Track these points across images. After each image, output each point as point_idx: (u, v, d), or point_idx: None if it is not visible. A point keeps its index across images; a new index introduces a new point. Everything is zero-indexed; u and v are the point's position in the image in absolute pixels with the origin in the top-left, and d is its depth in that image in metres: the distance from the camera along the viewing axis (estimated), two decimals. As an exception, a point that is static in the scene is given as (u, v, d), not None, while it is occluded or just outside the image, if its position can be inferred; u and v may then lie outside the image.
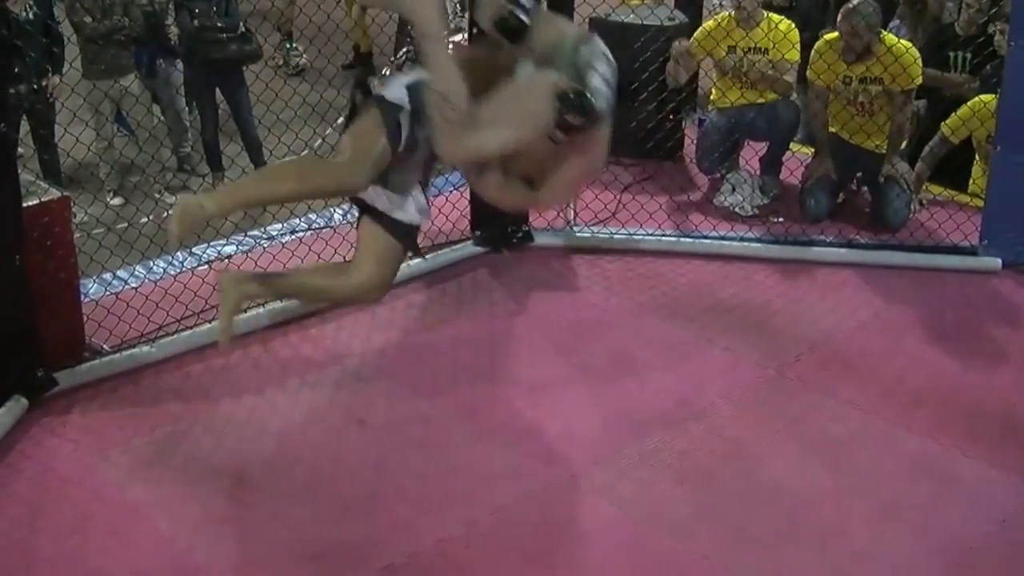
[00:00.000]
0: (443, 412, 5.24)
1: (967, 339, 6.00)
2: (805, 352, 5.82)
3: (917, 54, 7.11)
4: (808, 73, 7.35)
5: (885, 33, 7.19)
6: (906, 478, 4.84)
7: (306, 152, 6.97)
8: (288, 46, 12.47)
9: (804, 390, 5.51)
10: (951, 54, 8.01)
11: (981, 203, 6.97)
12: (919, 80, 7.09)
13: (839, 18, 7.07)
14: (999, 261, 6.62)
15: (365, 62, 12.03)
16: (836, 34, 7.16)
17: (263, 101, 6.83)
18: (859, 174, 7.53)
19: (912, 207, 7.23)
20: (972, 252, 6.74)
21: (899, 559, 4.37)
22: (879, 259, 6.63)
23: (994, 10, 8.01)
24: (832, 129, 7.44)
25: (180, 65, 9.13)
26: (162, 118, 9.44)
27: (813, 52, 7.31)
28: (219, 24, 8.74)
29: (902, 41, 7.24)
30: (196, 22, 8.71)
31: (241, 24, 8.85)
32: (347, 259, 5.01)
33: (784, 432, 5.18)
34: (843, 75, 7.16)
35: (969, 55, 7.91)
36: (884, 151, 7.24)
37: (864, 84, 7.12)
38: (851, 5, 6.99)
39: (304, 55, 12.41)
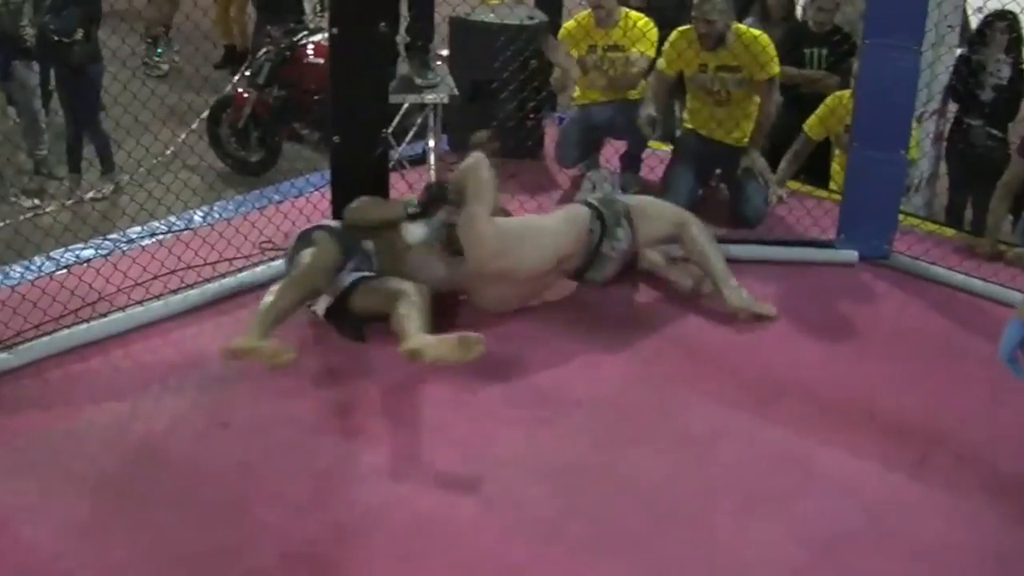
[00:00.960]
0: (309, 413, 5.21)
1: (826, 332, 6.11)
2: (669, 347, 5.89)
3: (769, 42, 7.19)
4: (659, 62, 7.42)
5: (738, 24, 7.28)
6: (769, 469, 4.92)
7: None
8: (157, 52, 12.35)
9: (668, 385, 5.57)
10: (807, 51, 8.13)
11: (838, 198, 7.11)
12: (774, 68, 7.18)
13: (693, 7, 7.12)
14: (856, 254, 6.75)
15: (239, 61, 11.99)
16: (689, 27, 7.24)
17: (120, 103, 6.73)
18: (718, 170, 7.63)
19: (770, 200, 7.34)
20: (830, 246, 6.87)
21: (765, 549, 4.43)
22: (740, 253, 6.72)
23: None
24: (689, 125, 7.52)
25: (36, 67, 8.98)
26: (17, 121, 9.28)
27: (667, 43, 7.36)
28: (52, 27, 8.59)
29: (753, 30, 7.32)
30: (50, 25, 8.57)
31: (80, 28, 8.69)
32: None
33: (648, 427, 5.23)
34: (699, 64, 7.24)
35: (825, 51, 8.04)
36: (742, 145, 7.33)
37: (719, 71, 7.21)
38: None
39: (166, 62, 12.30)
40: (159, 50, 12.37)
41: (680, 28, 7.34)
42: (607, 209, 6.14)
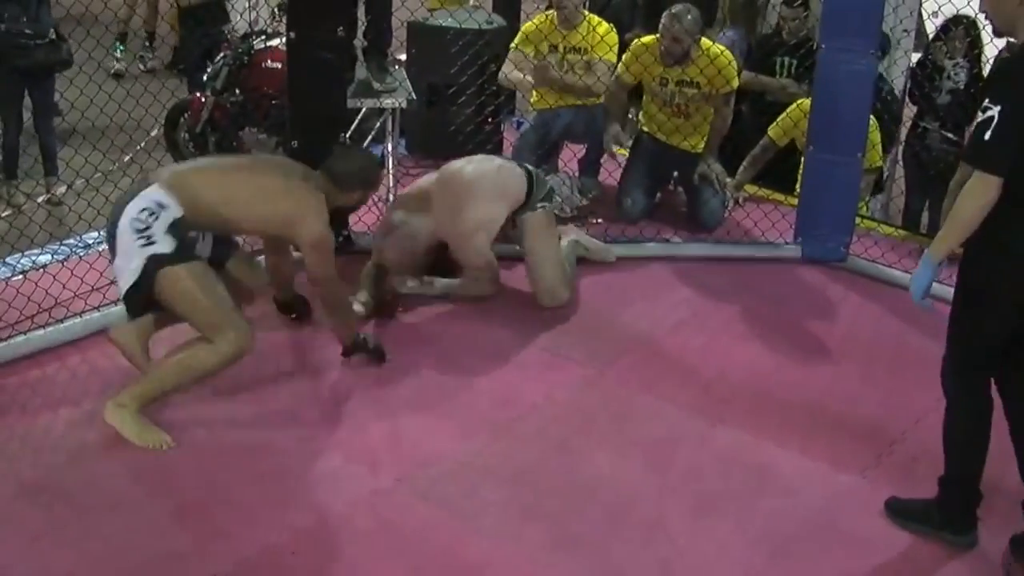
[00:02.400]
0: (265, 418, 5.21)
1: (780, 335, 6.16)
2: (625, 351, 5.91)
3: (732, 58, 7.25)
4: (619, 68, 7.43)
5: (703, 39, 7.31)
6: (723, 471, 4.95)
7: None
8: (119, 48, 12.37)
9: (624, 389, 5.59)
10: (777, 60, 8.17)
11: (795, 202, 7.15)
12: (735, 83, 7.23)
13: (661, 24, 7.14)
14: (811, 257, 6.79)
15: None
16: (652, 38, 7.26)
17: (77, 107, 6.70)
18: (675, 174, 7.66)
19: (727, 205, 7.38)
20: (786, 249, 6.91)
21: (720, 550, 4.46)
22: (696, 252, 6.76)
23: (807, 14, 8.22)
24: (647, 129, 7.55)
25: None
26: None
27: (628, 53, 7.39)
28: (27, 31, 8.54)
29: (718, 45, 7.37)
30: (3, 27, 8.50)
31: (52, 30, 8.67)
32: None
33: (605, 431, 5.25)
34: (659, 76, 7.26)
35: (795, 61, 8.07)
36: (699, 151, 7.37)
37: (680, 87, 7.24)
38: (673, 11, 7.07)
39: (122, 62, 12.27)
40: (120, 47, 12.36)
41: (644, 40, 7.36)
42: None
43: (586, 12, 7.66)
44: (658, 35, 7.18)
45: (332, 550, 4.40)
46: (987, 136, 3.96)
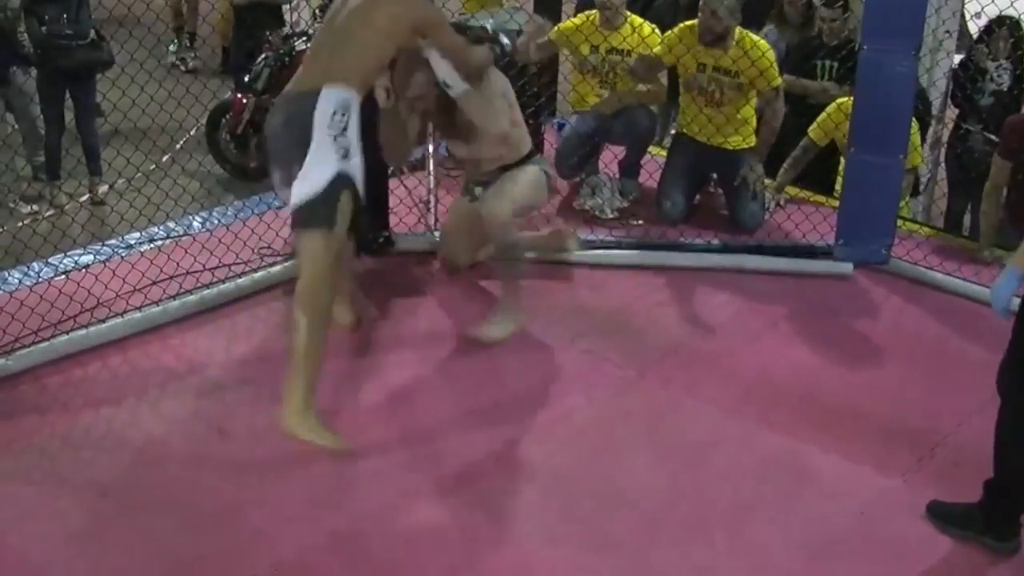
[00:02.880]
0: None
1: (823, 338, 6.12)
2: (666, 353, 5.89)
3: (769, 49, 7.20)
4: (660, 48, 7.42)
5: (741, 29, 7.28)
6: (763, 475, 4.93)
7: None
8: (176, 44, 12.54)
9: (664, 391, 5.58)
10: (818, 62, 8.12)
11: (836, 203, 7.10)
12: (777, 80, 7.19)
13: (701, 1, 7.14)
14: (853, 260, 6.75)
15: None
16: (692, 22, 7.25)
17: (120, 108, 6.74)
18: (714, 176, 7.64)
19: (768, 207, 7.35)
20: (828, 252, 6.87)
21: (759, 555, 4.44)
22: (737, 263, 6.73)
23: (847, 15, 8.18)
24: (685, 131, 7.50)
25: (34, 73, 8.98)
26: (16, 127, 9.26)
27: (671, 34, 7.37)
28: (68, 31, 8.61)
29: (753, 36, 7.32)
30: (45, 28, 8.57)
31: (92, 31, 8.73)
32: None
33: (643, 433, 5.24)
34: (698, 63, 7.24)
35: (836, 64, 8.02)
36: (736, 148, 7.32)
37: (716, 73, 7.21)
38: None
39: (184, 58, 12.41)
40: (177, 42, 12.53)
41: (683, 24, 7.34)
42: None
43: (628, 13, 7.63)
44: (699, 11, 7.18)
45: (368, 552, 4.41)
46: None
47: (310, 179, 4.86)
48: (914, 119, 7.02)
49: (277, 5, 10.61)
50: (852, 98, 7.08)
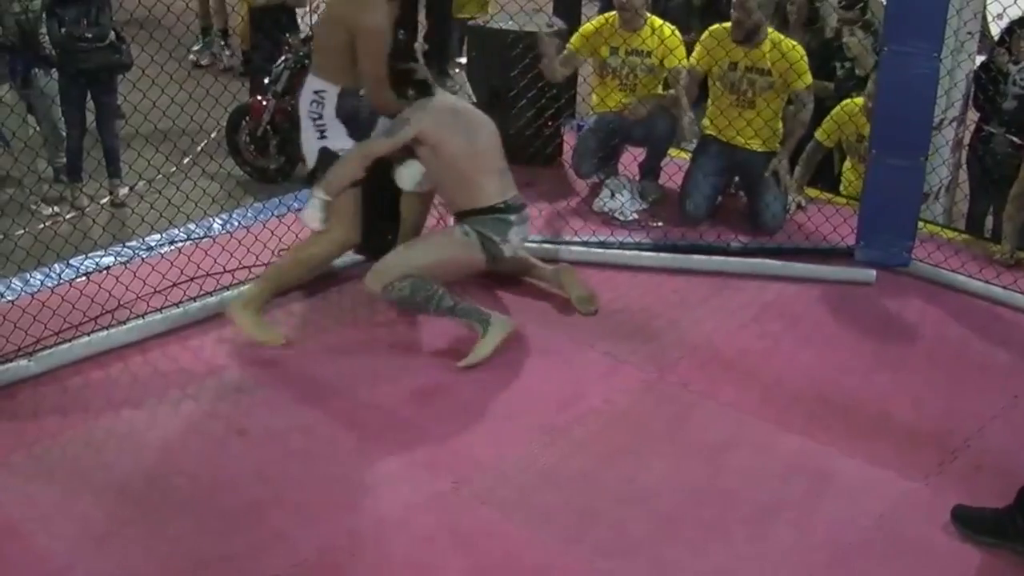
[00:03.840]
0: (324, 421, 5.23)
1: (844, 340, 6.10)
2: (685, 355, 5.89)
3: (801, 49, 7.21)
4: (692, 59, 7.42)
5: (777, 32, 7.27)
6: (783, 477, 4.92)
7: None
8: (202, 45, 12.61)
9: (684, 392, 5.57)
10: (836, 64, 8.12)
11: (855, 204, 7.09)
12: (808, 78, 7.20)
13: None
14: (874, 262, 6.73)
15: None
16: (720, 25, 7.26)
17: (140, 110, 6.76)
18: (736, 178, 7.63)
19: (788, 209, 7.33)
20: (849, 254, 6.86)
21: (779, 557, 4.44)
22: (758, 269, 6.72)
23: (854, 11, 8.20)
24: (710, 131, 7.49)
25: (56, 75, 9.01)
26: (38, 128, 9.30)
27: (705, 35, 7.38)
28: (88, 34, 8.64)
29: (790, 40, 7.32)
30: (64, 30, 8.60)
31: (112, 33, 8.76)
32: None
33: (663, 435, 5.23)
34: (729, 62, 7.23)
35: (851, 65, 8.02)
36: (761, 150, 7.30)
37: (748, 72, 7.20)
38: None
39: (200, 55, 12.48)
40: (203, 40, 12.60)
41: (712, 27, 7.35)
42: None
43: (648, 14, 7.62)
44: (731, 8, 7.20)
45: (389, 553, 4.42)
46: None
47: (307, 155, 6.00)
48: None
49: (292, 8, 10.64)
50: (854, 99, 7.11)
